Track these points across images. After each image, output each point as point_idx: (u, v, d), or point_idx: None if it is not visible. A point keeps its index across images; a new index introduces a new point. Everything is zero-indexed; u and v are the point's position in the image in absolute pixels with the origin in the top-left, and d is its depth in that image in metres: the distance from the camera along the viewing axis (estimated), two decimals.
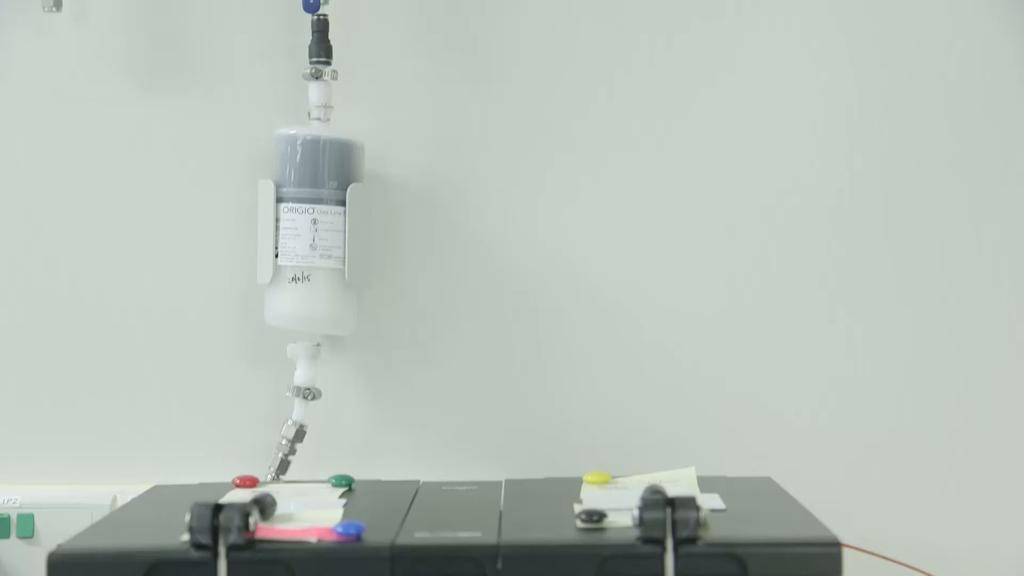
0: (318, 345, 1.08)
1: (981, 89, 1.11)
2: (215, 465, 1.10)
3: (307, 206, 1.04)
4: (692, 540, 0.76)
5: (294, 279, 1.05)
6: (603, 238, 1.12)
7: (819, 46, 1.11)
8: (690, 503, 0.76)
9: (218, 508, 0.77)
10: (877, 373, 1.11)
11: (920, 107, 1.11)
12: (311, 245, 1.04)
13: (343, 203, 1.05)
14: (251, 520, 0.77)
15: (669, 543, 0.76)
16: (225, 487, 0.94)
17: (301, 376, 1.08)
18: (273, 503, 0.83)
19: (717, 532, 0.78)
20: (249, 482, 0.95)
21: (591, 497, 0.88)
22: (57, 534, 0.82)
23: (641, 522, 0.76)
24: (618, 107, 1.11)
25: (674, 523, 0.76)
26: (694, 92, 1.11)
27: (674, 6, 1.11)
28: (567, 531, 0.80)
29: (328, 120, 1.07)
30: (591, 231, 1.12)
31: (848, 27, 1.11)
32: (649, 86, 1.11)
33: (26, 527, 1.06)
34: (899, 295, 1.12)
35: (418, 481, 0.99)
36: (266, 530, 0.78)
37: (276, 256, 1.05)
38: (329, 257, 1.05)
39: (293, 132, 1.05)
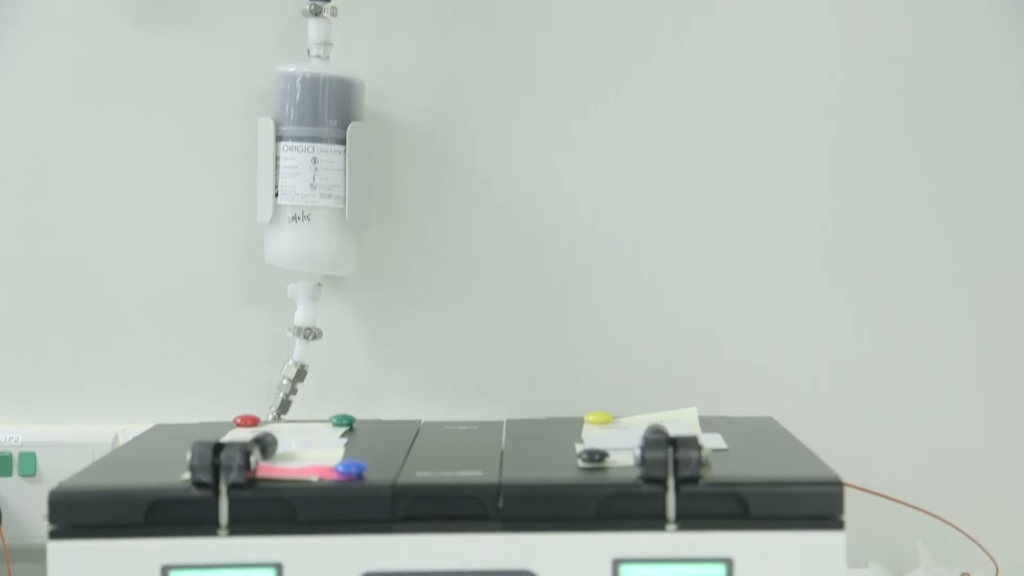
0: (319, 285, 1.08)
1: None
2: (216, 405, 1.10)
3: (307, 145, 1.04)
4: (693, 479, 0.76)
5: (294, 218, 1.04)
6: (607, 180, 1.12)
7: None
8: (692, 442, 0.76)
9: (219, 447, 0.76)
10: (879, 313, 1.11)
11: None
12: (311, 184, 1.04)
13: (343, 142, 1.04)
14: (252, 459, 0.77)
15: (670, 482, 0.76)
16: (226, 426, 0.94)
17: (302, 316, 1.07)
18: (274, 442, 0.83)
19: (718, 471, 0.78)
20: (250, 421, 0.95)
21: (592, 437, 0.88)
22: (59, 472, 0.82)
23: (643, 461, 0.76)
24: (619, 47, 1.10)
25: (676, 462, 0.76)
26: (695, 27, 1.10)
27: None
28: (568, 470, 0.80)
29: (328, 58, 1.06)
30: (594, 172, 1.11)
31: None
32: (646, 24, 1.10)
33: (28, 465, 1.07)
34: (900, 237, 1.11)
35: (419, 421, 0.99)
36: (267, 469, 0.78)
37: (276, 195, 1.04)
38: (329, 196, 1.04)
39: (292, 70, 1.04)
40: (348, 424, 0.95)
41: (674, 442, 0.76)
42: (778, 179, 1.11)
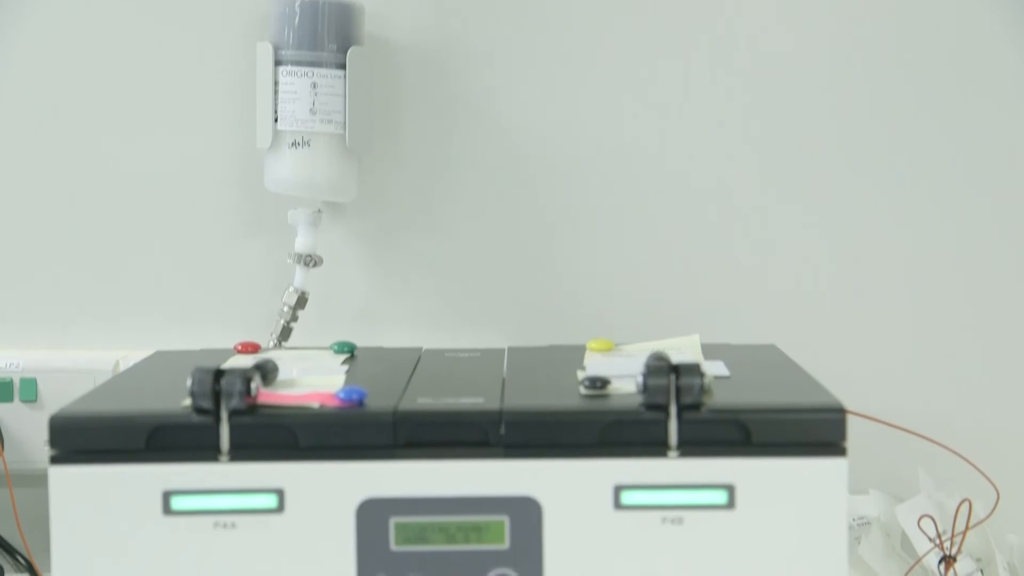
0: (319, 211, 1.07)
1: None
2: (217, 332, 1.10)
3: (306, 69, 1.03)
4: (696, 406, 0.76)
5: (294, 144, 1.03)
6: (611, 106, 1.11)
7: None
8: (694, 369, 0.76)
9: (220, 373, 0.76)
10: (883, 242, 1.11)
11: None
12: (311, 110, 1.03)
13: (343, 66, 1.03)
14: (253, 385, 0.77)
15: (673, 409, 0.76)
16: (227, 353, 0.94)
17: (302, 243, 1.07)
18: (275, 369, 0.83)
19: (721, 398, 0.78)
20: (251, 348, 0.95)
21: (594, 364, 0.87)
22: (60, 398, 0.82)
23: (645, 388, 0.76)
24: None
25: (678, 389, 0.76)
26: None
27: None
28: (570, 398, 0.79)
29: None
30: (599, 98, 1.10)
31: None
32: None
33: (29, 391, 1.07)
34: (905, 164, 1.10)
35: (420, 348, 0.98)
36: (268, 396, 0.78)
37: (275, 121, 1.03)
38: (329, 122, 1.03)
39: None
40: (349, 351, 0.95)
41: (676, 369, 0.76)
42: (783, 108, 1.10)
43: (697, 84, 1.10)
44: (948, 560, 0.92)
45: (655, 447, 0.76)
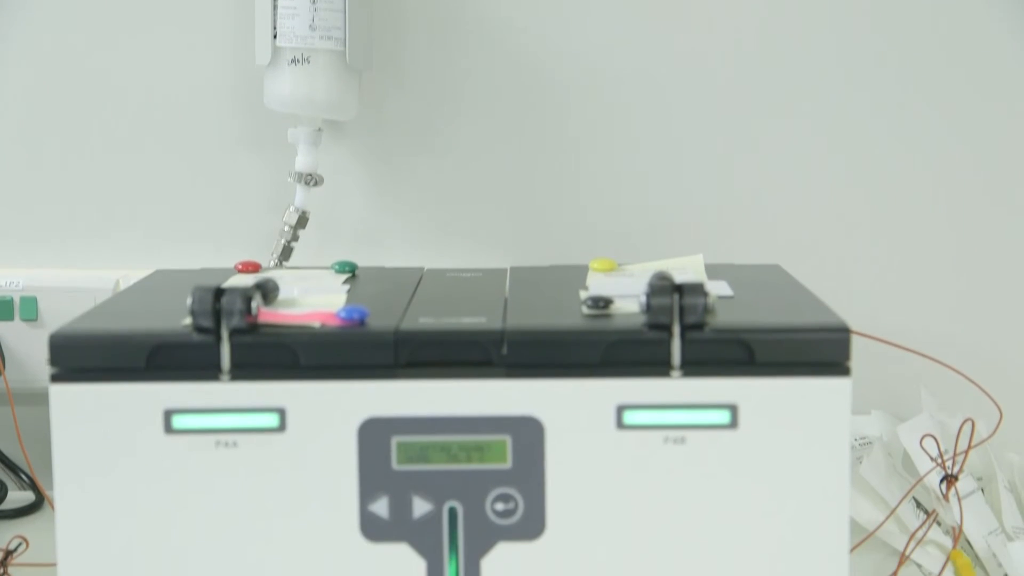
0: (319, 130, 1.06)
1: None
2: (217, 252, 1.09)
3: None
4: (699, 326, 0.75)
5: (293, 61, 1.02)
6: (614, 25, 1.09)
7: None
8: (698, 289, 0.75)
9: (220, 292, 0.76)
10: (887, 161, 1.10)
11: None
12: (310, 26, 1.01)
13: None
14: (253, 304, 0.76)
15: (676, 329, 0.75)
16: (227, 272, 0.93)
17: (302, 161, 1.06)
18: (275, 288, 0.82)
19: (724, 318, 0.77)
20: (251, 267, 0.94)
21: (597, 284, 0.87)
22: (60, 317, 0.81)
23: (648, 308, 0.76)
24: None
25: (681, 309, 0.75)
26: None
27: None
28: (573, 317, 0.79)
29: None
30: (603, 19, 1.09)
31: None
32: None
33: (29, 309, 1.06)
34: (913, 81, 1.09)
35: (422, 268, 0.98)
36: (269, 315, 0.78)
37: (275, 37, 1.02)
38: (329, 38, 1.02)
39: None
40: (350, 271, 0.94)
41: (680, 288, 0.75)
42: (787, 30, 1.09)
43: (702, 6, 1.09)
44: (949, 479, 0.92)
45: (658, 367, 0.76)
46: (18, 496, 1.08)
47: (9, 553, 0.88)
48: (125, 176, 1.11)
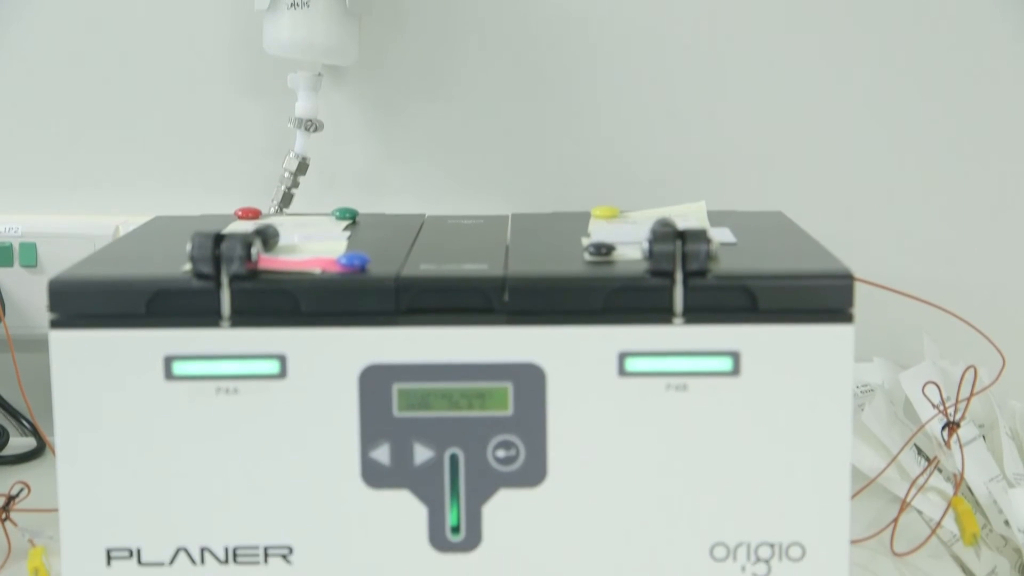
0: (319, 75, 1.05)
1: None
2: (217, 198, 1.09)
3: None
4: (702, 273, 0.75)
5: (292, 5, 1.01)
6: None
7: None
8: (700, 235, 0.75)
9: (220, 238, 0.75)
10: (890, 107, 1.09)
11: None
12: None
13: None
14: (253, 250, 0.76)
15: (678, 276, 0.75)
16: (227, 219, 0.93)
17: (302, 107, 1.05)
18: (276, 234, 0.82)
19: (727, 265, 0.77)
20: (251, 214, 0.94)
21: (599, 231, 0.86)
22: (60, 263, 0.81)
23: (650, 254, 0.75)
24: None
25: (684, 255, 0.75)
26: None
27: None
28: (575, 264, 0.78)
29: None
30: None
31: None
32: None
33: (29, 256, 1.06)
34: (918, 23, 1.08)
35: (423, 214, 0.97)
36: (269, 261, 0.77)
37: None
38: None
39: None
40: (351, 217, 0.94)
41: (682, 235, 0.75)
42: None
43: None
44: (951, 426, 0.92)
45: (660, 314, 0.75)
46: (20, 442, 1.08)
47: (11, 499, 0.88)
48: (125, 122, 1.11)
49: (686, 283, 0.75)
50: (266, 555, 0.77)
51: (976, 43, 1.09)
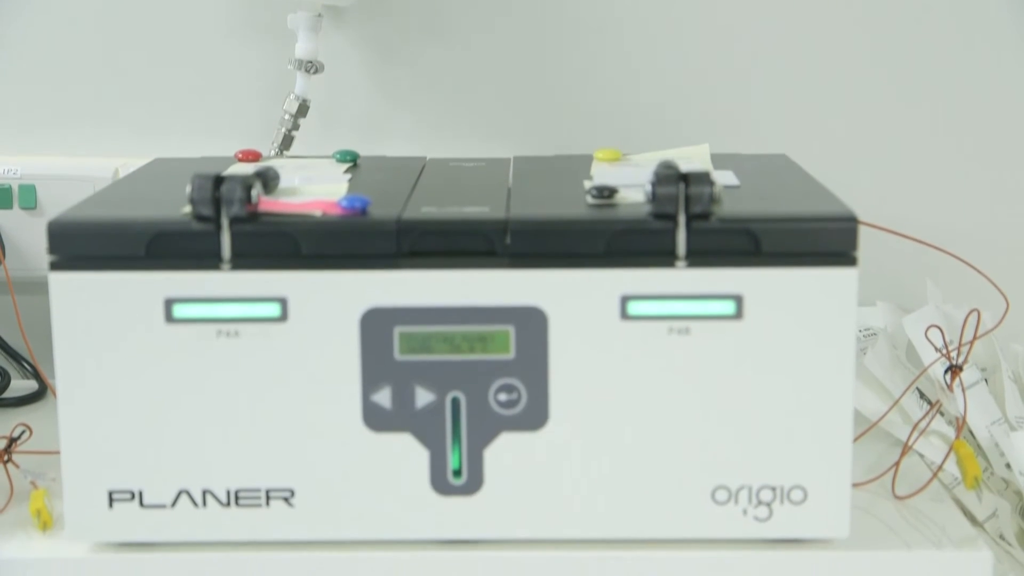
0: (319, 16, 1.04)
1: None
2: (217, 141, 1.08)
3: None
4: (705, 216, 0.75)
5: None
6: None
7: None
8: (704, 178, 0.74)
9: (219, 180, 0.75)
10: (894, 50, 1.08)
11: None
12: None
13: None
14: (253, 192, 0.75)
15: (681, 218, 0.75)
16: (228, 161, 0.92)
17: (302, 48, 1.05)
18: (276, 177, 0.81)
19: (730, 207, 0.76)
20: (252, 156, 0.93)
21: (602, 173, 0.86)
22: (59, 206, 0.81)
23: (653, 197, 0.75)
24: None
25: (687, 198, 0.74)
26: None
27: None
28: (577, 207, 0.78)
29: None
30: None
31: None
32: None
33: (28, 198, 1.06)
34: None
35: (424, 157, 0.97)
36: (269, 203, 0.77)
37: None
38: None
39: None
40: (352, 160, 0.93)
41: (686, 177, 0.75)
42: None
43: None
44: (954, 370, 0.92)
45: (663, 257, 0.75)
46: (21, 384, 1.08)
47: (13, 441, 0.88)
48: (124, 63, 1.10)
49: (689, 226, 0.75)
50: (268, 498, 0.77)
51: None
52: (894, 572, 0.79)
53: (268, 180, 0.80)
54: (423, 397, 0.77)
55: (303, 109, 1.06)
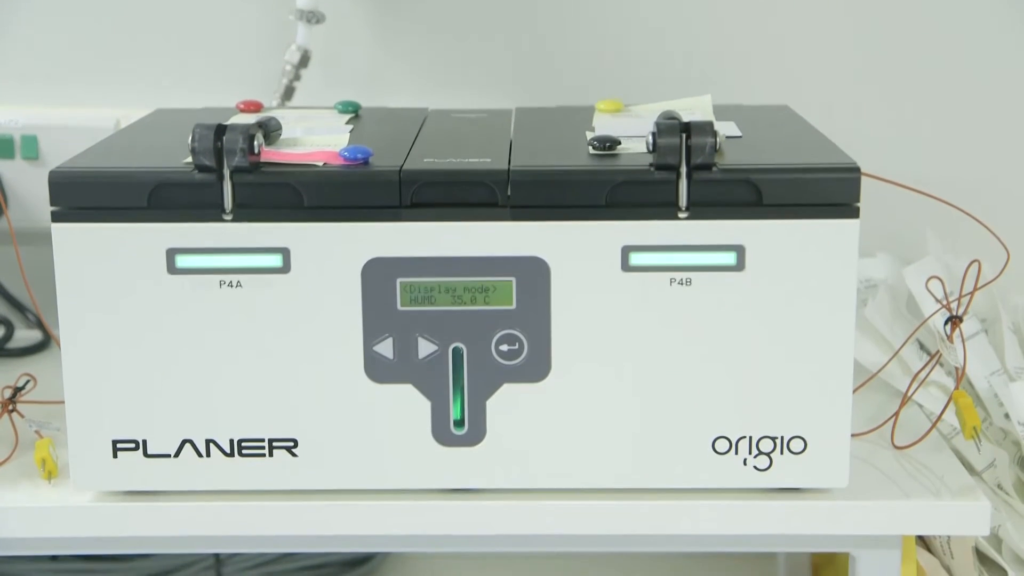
0: None
1: None
2: (218, 92, 1.08)
3: None
4: (707, 166, 0.75)
5: None
6: None
7: None
8: (706, 128, 0.74)
9: (221, 130, 0.75)
10: (896, 2, 1.08)
11: None
12: None
13: None
14: (255, 143, 0.75)
15: (683, 169, 0.74)
16: (229, 111, 0.92)
17: None
18: (278, 127, 0.81)
19: (732, 158, 0.76)
20: (253, 107, 0.93)
21: (603, 125, 0.86)
22: (62, 156, 0.80)
23: (655, 148, 0.75)
24: None
25: (689, 149, 0.74)
26: None
27: None
28: (579, 158, 0.78)
29: None
30: None
31: None
32: None
33: (30, 148, 1.06)
34: None
35: (426, 108, 0.97)
36: (271, 154, 0.77)
37: None
38: None
39: None
40: (353, 111, 0.93)
41: (687, 128, 0.74)
42: None
43: None
44: (954, 320, 0.92)
45: (664, 208, 0.75)
46: (25, 335, 1.09)
47: (18, 390, 0.88)
48: (126, 13, 1.09)
49: (691, 177, 0.75)
50: (271, 448, 0.78)
51: None
52: (893, 521, 0.79)
53: (270, 130, 0.80)
54: (425, 348, 0.77)
55: (304, 60, 1.05)
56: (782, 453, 0.78)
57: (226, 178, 0.75)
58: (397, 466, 0.78)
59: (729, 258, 0.75)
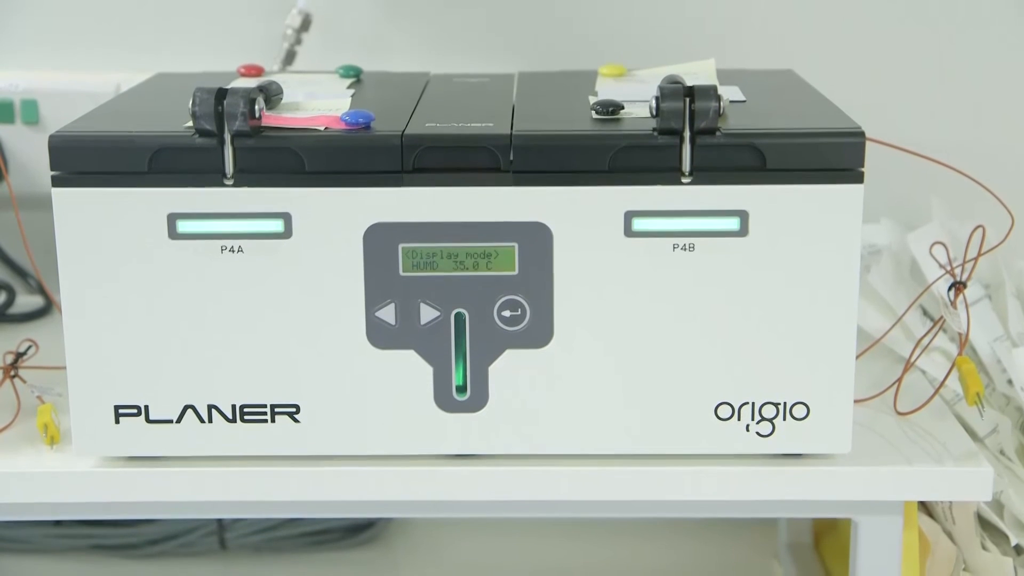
0: None
1: None
2: (219, 57, 1.07)
3: None
4: (710, 131, 0.74)
5: None
6: None
7: None
8: (710, 92, 0.74)
9: (222, 94, 0.74)
10: None
11: None
12: None
13: None
14: (256, 107, 0.75)
15: (686, 134, 0.74)
16: (230, 76, 0.92)
17: None
18: (279, 91, 0.81)
19: (736, 122, 0.76)
20: (254, 71, 0.92)
21: (606, 89, 0.85)
22: (62, 120, 0.80)
23: (658, 112, 0.74)
24: None
25: (692, 113, 0.74)
26: None
27: None
28: (582, 122, 0.78)
29: None
30: None
31: None
32: None
33: (30, 113, 1.05)
34: None
35: (428, 73, 0.96)
36: (272, 118, 0.77)
37: None
38: None
39: None
40: (355, 75, 0.93)
41: (691, 92, 0.74)
42: None
43: None
44: (957, 286, 0.92)
45: (668, 173, 0.75)
46: (26, 300, 1.08)
47: (19, 356, 0.88)
48: None
49: (694, 141, 0.74)
50: (273, 414, 0.78)
51: None
52: (895, 487, 0.79)
53: (271, 94, 0.79)
54: (427, 313, 0.77)
55: (306, 24, 1.05)
56: (785, 419, 0.78)
57: (227, 143, 0.75)
58: (399, 432, 0.78)
59: (732, 223, 0.75)
